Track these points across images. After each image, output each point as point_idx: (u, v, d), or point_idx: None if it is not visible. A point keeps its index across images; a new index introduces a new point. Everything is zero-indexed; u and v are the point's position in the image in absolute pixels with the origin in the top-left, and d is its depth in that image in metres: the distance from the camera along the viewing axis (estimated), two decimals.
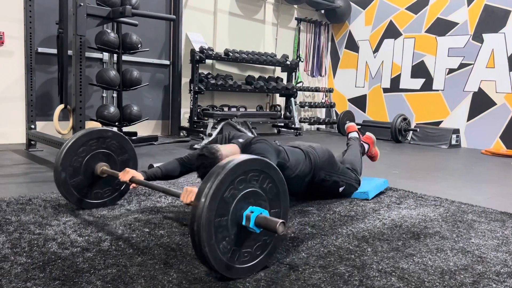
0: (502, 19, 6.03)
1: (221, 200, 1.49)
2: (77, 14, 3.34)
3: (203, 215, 1.44)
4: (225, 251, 1.53)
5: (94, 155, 2.37)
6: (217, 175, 1.49)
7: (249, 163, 1.58)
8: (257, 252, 1.64)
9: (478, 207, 2.83)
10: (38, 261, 1.66)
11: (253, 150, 2.21)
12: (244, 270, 1.60)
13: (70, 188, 2.31)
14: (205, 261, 1.51)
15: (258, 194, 1.62)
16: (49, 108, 4.89)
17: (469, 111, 6.40)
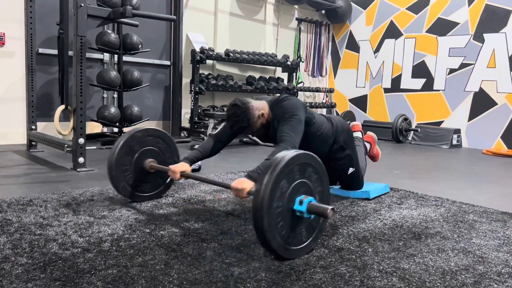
0: (503, 19, 6.02)
1: (278, 191, 1.72)
2: (77, 15, 3.35)
3: (263, 206, 1.66)
4: (282, 236, 1.76)
5: (142, 152, 2.55)
6: (273, 170, 1.70)
7: (298, 158, 1.79)
8: (307, 235, 1.87)
9: (479, 207, 2.83)
10: (39, 261, 1.66)
11: (284, 107, 2.36)
12: (297, 252, 1.83)
13: (123, 183, 2.49)
14: (267, 245, 1.74)
15: (306, 184, 1.84)
16: (50, 108, 4.90)
17: (470, 111, 6.39)
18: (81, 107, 3.45)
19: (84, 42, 3.41)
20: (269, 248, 1.75)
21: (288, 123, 2.30)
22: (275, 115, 2.42)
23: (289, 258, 1.79)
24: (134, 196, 2.56)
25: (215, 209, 2.52)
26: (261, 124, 2.43)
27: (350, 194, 2.97)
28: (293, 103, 2.40)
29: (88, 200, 2.56)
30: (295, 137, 2.26)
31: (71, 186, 2.94)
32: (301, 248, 1.84)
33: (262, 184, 1.69)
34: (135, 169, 2.53)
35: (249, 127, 2.39)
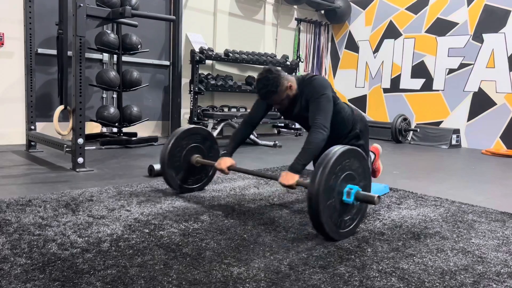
0: (502, 19, 6.03)
1: (329, 182, 1.99)
2: (77, 15, 3.35)
3: (319, 196, 1.93)
4: (333, 221, 2.03)
5: (190, 149, 2.84)
6: (324, 169, 1.97)
7: (344, 154, 2.06)
8: (352, 220, 2.14)
9: (478, 207, 2.83)
10: (38, 262, 1.66)
11: (314, 86, 2.49)
12: (345, 234, 2.11)
13: (173, 176, 2.79)
14: (321, 229, 2.01)
15: (352, 175, 2.11)
16: (49, 109, 4.90)
17: (469, 111, 6.40)
18: (81, 107, 3.44)
19: (83, 42, 3.41)
20: (323, 232, 2.03)
21: (319, 103, 2.43)
22: (303, 93, 2.53)
23: (339, 239, 2.07)
24: (183, 188, 2.86)
25: (214, 209, 2.52)
26: (287, 96, 2.52)
27: None
28: (322, 81, 2.52)
29: (87, 200, 2.56)
30: (326, 118, 2.40)
31: (70, 186, 2.93)
32: (348, 230, 2.13)
33: (317, 176, 1.96)
34: (184, 164, 2.83)
35: (276, 93, 2.47)
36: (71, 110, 3.60)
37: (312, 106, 2.44)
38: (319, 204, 1.93)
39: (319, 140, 2.32)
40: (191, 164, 2.84)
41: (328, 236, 2.02)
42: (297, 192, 3.05)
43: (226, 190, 3.02)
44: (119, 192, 2.80)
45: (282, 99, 2.51)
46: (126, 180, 3.21)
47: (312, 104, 2.45)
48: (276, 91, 2.46)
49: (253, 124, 2.76)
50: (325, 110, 2.41)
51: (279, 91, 2.46)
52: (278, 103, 2.56)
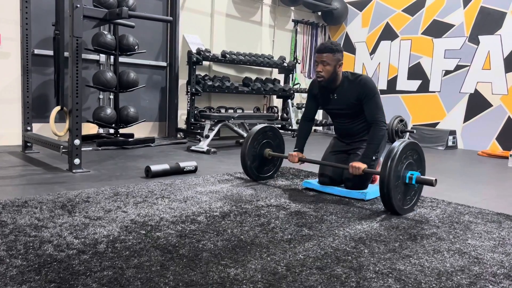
0: (498, 21, 6.06)
1: (397, 169, 2.52)
2: (73, 16, 3.34)
3: (390, 180, 2.48)
4: (400, 199, 2.58)
5: (263, 144, 3.39)
6: (394, 156, 2.50)
7: (406, 146, 2.58)
8: (412, 198, 2.70)
9: (474, 208, 2.84)
10: (34, 263, 1.66)
11: (369, 85, 2.92)
12: (407, 210, 2.65)
13: (252, 169, 3.35)
14: (391, 207, 2.55)
15: (412, 163, 2.66)
16: (46, 110, 4.88)
17: (466, 113, 6.42)
18: (77, 108, 3.43)
19: (80, 43, 3.40)
20: (391, 208, 2.55)
21: (376, 102, 2.93)
22: (350, 84, 2.95)
23: (402, 214, 2.59)
24: (259, 177, 3.41)
25: (211, 210, 2.51)
26: (335, 69, 2.90)
27: (347, 194, 2.98)
28: (372, 80, 2.99)
29: (84, 202, 2.56)
30: (383, 115, 2.93)
31: (67, 188, 2.92)
32: (408, 207, 2.66)
33: (387, 164, 2.49)
34: (258, 156, 3.37)
35: (332, 53, 2.87)
36: (67, 111, 3.59)
37: (370, 104, 2.91)
38: (390, 185, 2.46)
39: (382, 136, 2.87)
40: (264, 156, 3.39)
41: (395, 211, 2.55)
42: (295, 193, 3.06)
43: (223, 191, 3.02)
44: (116, 193, 2.79)
45: (331, 66, 2.88)
46: (123, 181, 3.20)
47: (369, 101, 2.91)
48: (333, 51, 2.86)
49: (311, 118, 3.27)
50: (381, 108, 2.93)
51: (335, 55, 2.87)
52: (325, 63, 2.87)
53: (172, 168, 3.51)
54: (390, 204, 2.52)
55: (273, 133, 3.47)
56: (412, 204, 2.69)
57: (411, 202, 2.68)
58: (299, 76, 7.81)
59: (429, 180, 2.55)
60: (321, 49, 2.89)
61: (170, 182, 3.20)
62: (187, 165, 3.61)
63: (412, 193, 2.69)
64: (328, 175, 3.10)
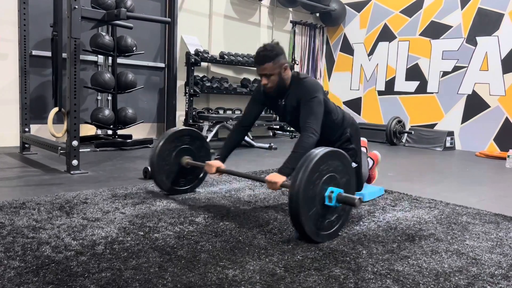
0: (496, 22, 6.08)
1: (311, 184, 1.97)
2: (71, 17, 3.34)
3: (299, 197, 1.92)
4: (314, 222, 2.01)
5: (180, 150, 2.84)
6: (305, 169, 1.95)
7: (327, 155, 2.05)
8: (335, 222, 2.12)
9: (472, 209, 2.85)
10: (32, 265, 1.65)
11: (307, 86, 2.47)
12: (327, 236, 2.09)
13: (163, 178, 2.79)
14: (301, 230, 1.99)
15: (334, 177, 2.09)
16: (43, 111, 4.87)
17: (463, 114, 6.44)
18: (75, 110, 3.43)
19: (78, 44, 3.40)
20: (303, 233, 2.01)
21: (311, 106, 2.42)
22: (294, 89, 2.52)
23: (320, 241, 2.05)
24: (172, 190, 2.86)
25: (209, 212, 2.51)
26: (280, 75, 2.48)
27: None
28: (314, 83, 2.51)
29: (82, 203, 2.55)
30: (317, 122, 2.40)
31: (65, 189, 2.92)
32: (330, 233, 2.11)
33: (298, 178, 1.95)
34: (173, 165, 2.82)
35: (272, 61, 2.42)
36: (65, 112, 3.58)
37: (304, 108, 2.43)
38: (299, 205, 1.92)
39: (309, 144, 2.30)
40: (182, 165, 2.84)
41: (308, 237, 2.00)
42: None
43: (222, 192, 3.02)
44: (114, 195, 2.79)
45: (274, 73, 2.46)
46: (121, 183, 3.20)
47: (304, 106, 2.43)
48: (273, 58, 2.42)
49: (246, 128, 2.75)
50: (316, 114, 2.40)
51: (275, 61, 2.43)
52: (268, 75, 2.47)
53: None
54: (300, 228, 1.99)
55: (193, 138, 2.91)
56: (334, 229, 2.13)
57: (333, 227, 2.12)
58: None
59: (351, 200, 2.00)
60: (259, 60, 2.47)
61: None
62: None
63: (335, 216, 2.11)
64: None
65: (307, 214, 1.96)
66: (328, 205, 2.04)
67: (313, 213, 2.00)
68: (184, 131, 2.87)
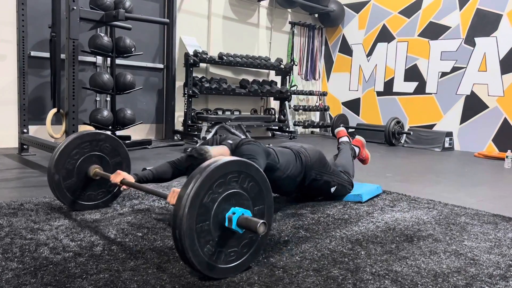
0: (494, 23, 6.09)
1: (201, 205, 1.51)
2: (70, 18, 3.34)
3: (183, 222, 1.46)
4: (209, 253, 1.56)
5: (87, 158, 2.40)
6: (195, 181, 1.50)
7: (226, 165, 1.58)
8: (243, 250, 1.66)
9: (471, 210, 2.85)
10: (30, 266, 1.65)
11: (242, 151, 2.22)
12: (229, 270, 1.63)
13: (63, 190, 2.34)
14: (189, 264, 1.55)
15: (240, 195, 1.63)
16: (42, 112, 4.87)
17: (462, 114, 6.44)
18: (74, 111, 3.43)
19: (76, 45, 3.40)
20: (190, 265, 1.55)
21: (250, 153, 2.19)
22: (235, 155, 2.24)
23: (216, 277, 1.59)
24: (75, 204, 2.39)
25: None
26: None
27: (343, 198, 2.97)
28: (252, 148, 2.26)
29: None
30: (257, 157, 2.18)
31: None
32: (233, 266, 1.63)
33: (185, 192, 1.49)
34: (78, 176, 2.37)
35: None
36: (64, 113, 3.58)
37: None
38: (183, 229, 1.46)
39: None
40: (89, 176, 2.40)
41: (198, 270, 1.54)
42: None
43: None
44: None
45: None
46: None
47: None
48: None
49: (178, 171, 2.42)
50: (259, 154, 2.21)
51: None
52: None
53: None
54: (186, 259, 1.53)
55: (107, 144, 2.48)
56: (245, 259, 1.67)
57: (243, 257, 1.66)
58: (296, 78, 7.81)
59: (253, 224, 1.54)
60: None
61: (167, 184, 3.19)
62: None
63: (242, 243, 1.65)
64: None
65: (197, 246, 1.50)
66: (232, 231, 1.60)
67: (208, 243, 1.54)
68: (92, 135, 2.41)
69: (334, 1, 7.69)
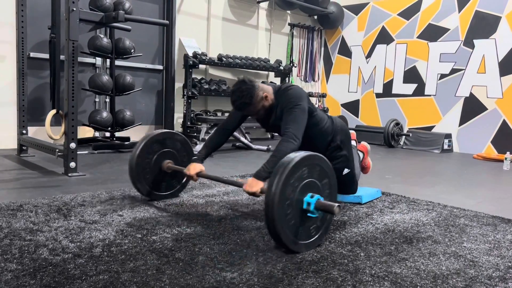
0: (493, 25, 6.10)
1: (287, 191, 1.87)
2: (69, 19, 3.34)
3: (275, 204, 1.82)
4: (293, 232, 1.92)
5: (161, 154, 2.74)
6: (283, 171, 1.86)
7: (306, 159, 1.94)
8: (316, 229, 2.03)
9: (470, 211, 2.85)
10: (29, 267, 1.65)
11: (289, 96, 2.42)
12: (307, 245, 1.98)
13: (143, 182, 2.69)
14: (278, 239, 1.90)
15: (314, 183, 1.99)
16: (41, 113, 4.86)
17: (461, 116, 6.45)
18: (73, 112, 3.43)
19: (76, 46, 3.40)
20: (279, 242, 1.91)
21: (293, 113, 2.36)
22: (279, 102, 2.46)
23: (298, 251, 1.94)
24: (152, 194, 2.75)
25: (207, 214, 2.51)
26: (263, 106, 2.46)
27: (343, 199, 2.98)
28: (297, 92, 2.45)
29: (79, 205, 2.55)
30: (298, 128, 2.34)
31: (62, 191, 2.91)
32: (309, 242, 1.99)
33: (273, 184, 1.84)
34: (154, 169, 2.71)
35: (251, 105, 2.40)
36: (63, 114, 3.58)
37: (286, 115, 2.37)
38: (274, 211, 1.81)
39: (288, 149, 2.21)
40: (163, 170, 2.73)
41: (285, 245, 1.89)
42: None
43: (220, 194, 3.02)
44: (112, 197, 2.78)
45: (258, 109, 2.45)
46: (119, 185, 3.19)
47: (286, 113, 2.38)
48: (250, 103, 2.39)
49: (229, 131, 2.68)
50: (298, 121, 2.35)
51: (254, 102, 2.39)
52: (254, 114, 2.51)
53: None
54: (276, 236, 1.89)
55: (174, 141, 2.81)
56: (315, 238, 2.02)
57: (313, 236, 2.01)
58: (295, 80, 7.82)
59: (330, 207, 1.90)
60: (238, 108, 2.46)
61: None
62: None
63: (316, 224, 2.01)
64: None
65: (283, 221, 1.86)
66: (307, 213, 1.94)
67: (290, 221, 1.89)
68: (166, 134, 2.76)
69: (334, 3, 7.70)
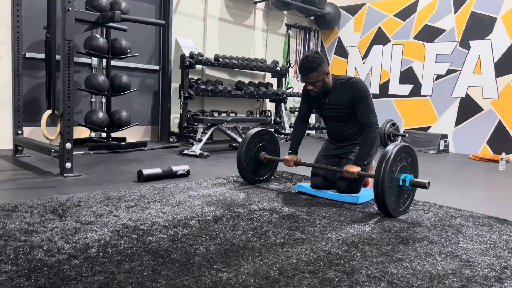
0: (488, 26, 6.13)
1: (391, 171, 2.57)
2: (65, 19, 3.32)
3: (384, 184, 2.52)
4: (393, 201, 2.63)
5: (259, 147, 3.44)
6: (388, 158, 2.55)
7: (400, 149, 2.64)
8: (405, 201, 2.75)
9: (466, 212, 2.86)
10: (24, 268, 1.64)
11: (360, 88, 2.95)
12: (400, 212, 2.70)
13: (248, 172, 3.38)
14: (384, 209, 2.60)
15: (406, 166, 2.71)
16: (37, 113, 4.84)
17: (457, 117, 6.48)
18: (69, 112, 3.41)
19: (72, 46, 3.38)
20: (385, 210, 2.59)
21: (368, 104, 2.94)
22: (340, 88, 2.99)
23: (396, 216, 2.64)
24: (254, 180, 3.44)
25: (203, 214, 2.50)
26: (323, 80, 2.93)
27: (339, 198, 2.98)
28: (364, 84, 3.01)
29: (75, 206, 2.53)
30: (375, 117, 2.96)
31: (58, 192, 2.90)
32: (402, 209, 2.71)
33: (381, 169, 2.52)
34: (254, 159, 3.41)
35: (316, 71, 2.85)
36: (59, 115, 3.56)
37: (361, 106, 2.93)
38: (384, 188, 2.50)
39: (374, 138, 2.91)
40: (260, 160, 3.42)
41: (389, 213, 2.59)
42: (288, 197, 3.06)
43: (216, 195, 3.01)
44: (107, 198, 2.77)
45: (318, 80, 2.88)
46: (115, 185, 3.18)
47: (361, 104, 2.93)
48: (317, 68, 2.84)
49: (305, 120, 3.32)
50: (374, 111, 2.96)
51: (319, 70, 2.85)
52: (314, 82, 2.90)
53: (165, 172, 3.49)
54: (384, 206, 2.56)
55: (269, 137, 3.51)
56: (405, 207, 2.74)
57: (404, 205, 2.73)
58: (292, 80, 7.83)
59: (422, 183, 2.60)
60: (305, 70, 2.89)
61: (162, 186, 3.19)
62: (180, 169, 3.60)
63: (405, 196, 2.73)
64: (321, 174, 3.12)
65: (389, 196, 2.56)
66: (402, 188, 2.66)
67: (393, 195, 2.59)
68: (262, 131, 3.45)
69: (330, 3, 7.71)
